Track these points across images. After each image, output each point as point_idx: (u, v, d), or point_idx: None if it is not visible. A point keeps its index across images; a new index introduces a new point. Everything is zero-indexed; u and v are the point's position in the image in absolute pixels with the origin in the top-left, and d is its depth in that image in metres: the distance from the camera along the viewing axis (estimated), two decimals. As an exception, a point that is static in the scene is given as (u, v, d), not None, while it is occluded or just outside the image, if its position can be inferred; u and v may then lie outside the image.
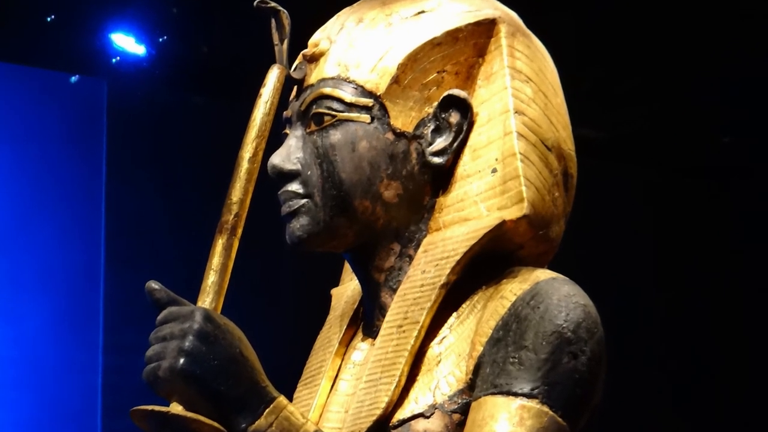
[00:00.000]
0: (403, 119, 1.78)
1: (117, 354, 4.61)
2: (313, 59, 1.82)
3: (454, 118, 1.79)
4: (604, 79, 4.94)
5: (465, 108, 1.79)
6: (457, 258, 1.72)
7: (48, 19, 4.47)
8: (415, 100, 1.78)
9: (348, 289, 1.93)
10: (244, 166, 1.74)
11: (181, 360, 1.58)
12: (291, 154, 1.80)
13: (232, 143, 1.82)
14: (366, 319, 1.84)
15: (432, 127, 1.79)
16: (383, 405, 1.68)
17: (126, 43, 4.63)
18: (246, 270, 2.33)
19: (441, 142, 1.79)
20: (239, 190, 1.73)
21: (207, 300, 1.67)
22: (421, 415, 1.68)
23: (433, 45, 1.79)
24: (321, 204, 1.77)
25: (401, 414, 1.69)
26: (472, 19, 1.81)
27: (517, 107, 1.77)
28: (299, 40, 1.85)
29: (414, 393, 1.70)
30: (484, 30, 1.81)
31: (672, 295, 5.59)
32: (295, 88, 1.84)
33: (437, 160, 1.78)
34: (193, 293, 1.69)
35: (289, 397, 1.75)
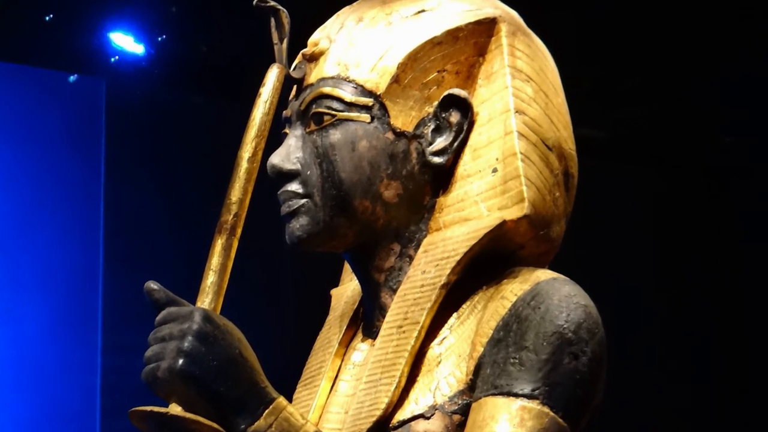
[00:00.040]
0: (403, 119, 1.77)
1: (116, 354, 4.61)
2: (313, 58, 1.82)
3: (454, 117, 1.78)
4: (604, 79, 4.94)
5: (465, 107, 1.78)
6: (458, 258, 1.71)
7: (46, 18, 4.46)
8: (416, 99, 1.78)
9: (348, 290, 1.93)
10: (243, 165, 1.74)
11: (181, 361, 1.57)
12: (290, 153, 1.79)
13: (231, 143, 1.82)
14: (366, 320, 1.84)
15: (432, 127, 1.78)
16: (383, 406, 1.68)
17: (125, 43, 4.63)
18: (245, 270, 2.33)
19: (441, 141, 1.78)
20: (238, 189, 1.73)
21: (206, 300, 1.67)
22: (422, 416, 1.67)
23: (434, 44, 1.78)
24: (321, 204, 1.77)
25: (401, 415, 1.68)
26: (472, 18, 1.80)
27: (518, 107, 1.77)
28: (299, 39, 1.84)
29: (414, 394, 1.69)
30: (484, 29, 1.80)
31: (673, 295, 5.58)
32: (295, 87, 1.84)
33: (437, 159, 1.78)
34: (193, 293, 1.68)
35: (289, 398, 1.74)
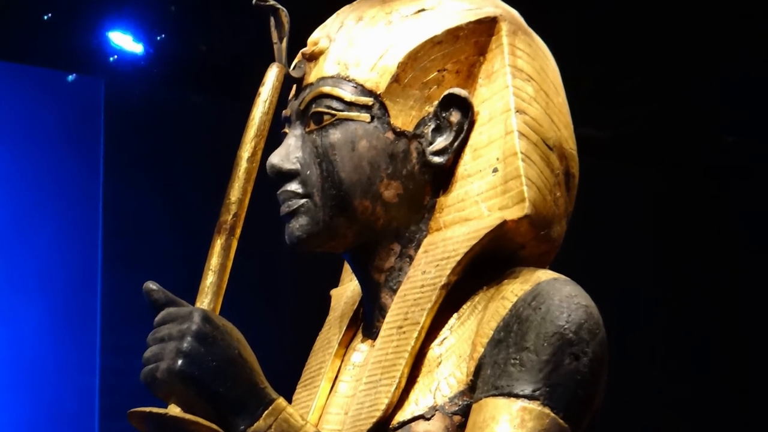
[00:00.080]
0: (404, 118, 1.77)
1: (115, 355, 4.61)
2: (313, 58, 1.81)
3: (454, 117, 1.78)
4: (605, 78, 4.93)
5: (466, 107, 1.78)
6: (458, 258, 1.71)
7: (45, 18, 4.46)
8: (416, 99, 1.77)
9: (347, 290, 1.92)
10: (242, 165, 1.73)
11: (180, 361, 1.57)
12: (290, 153, 1.79)
13: (230, 142, 1.82)
14: (366, 320, 1.83)
15: (432, 127, 1.78)
16: (383, 407, 1.67)
17: (123, 42, 4.62)
18: (245, 270, 2.33)
19: (441, 141, 1.78)
20: (238, 189, 1.72)
21: (205, 301, 1.67)
22: (422, 417, 1.67)
23: (434, 43, 1.78)
24: (320, 204, 1.76)
25: (401, 416, 1.68)
26: (473, 17, 1.80)
27: (519, 106, 1.76)
28: (298, 38, 1.84)
29: (414, 395, 1.69)
30: (485, 28, 1.80)
31: (673, 296, 5.58)
32: (295, 86, 1.83)
33: (438, 159, 1.77)
34: (192, 294, 1.68)
35: (288, 399, 1.73)
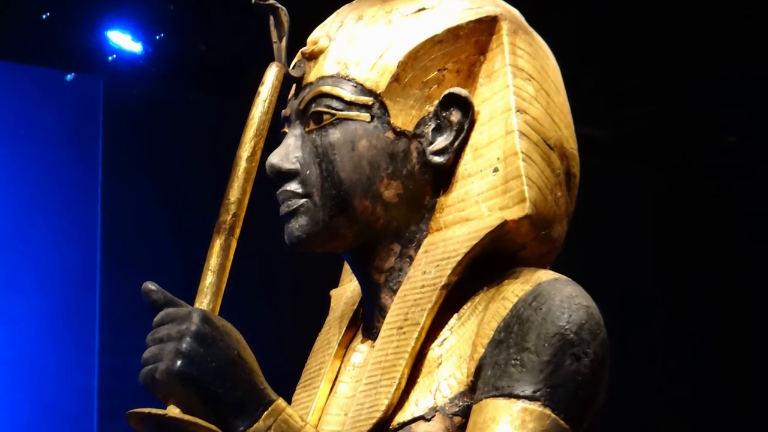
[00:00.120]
0: (404, 118, 1.76)
1: (113, 356, 4.60)
2: (312, 57, 1.81)
3: (455, 116, 1.77)
4: (606, 78, 4.93)
5: (466, 106, 1.77)
6: (458, 258, 1.70)
7: (43, 17, 4.45)
8: (416, 98, 1.77)
9: (347, 290, 1.92)
10: (242, 165, 1.73)
11: (179, 362, 1.57)
12: (290, 153, 1.78)
13: (230, 142, 1.81)
14: (366, 321, 1.83)
15: (433, 126, 1.77)
16: (383, 407, 1.67)
17: (122, 41, 4.62)
18: (244, 271, 2.33)
19: (442, 141, 1.77)
20: (237, 189, 1.72)
21: (204, 301, 1.67)
22: (422, 418, 1.66)
23: (434, 42, 1.77)
24: (320, 204, 1.76)
25: (401, 417, 1.68)
26: (473, 17, 1.79)
27: (519, 106, 1.76)
28: (298, 37, 1.84)
29: (414, 395, 1.68)
30: (485, 27, 1.79)
31: (674, 296, 5.57)
32: (294, 86, 1.83)
33: (438, 159, 1.77)
34: (191, 294, 1.68)
35: (288, 400, 1.73)
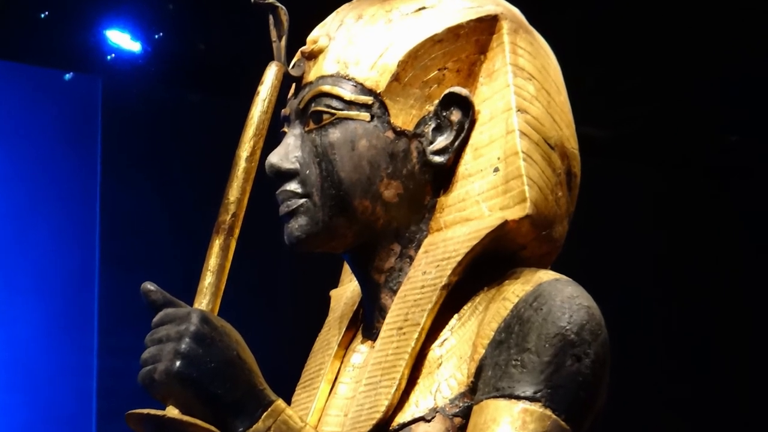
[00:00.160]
0: (404, 117, 1.76)
1: (112, 357, 4.60)
2: (312, 56, 1.80)
3: (455, 116, 1.77)
4: (606, 77, 4.92)
5: (466, 106, 1.77)
6: (459, 259, 1.70)
7: (42, 16, 4.45)
8: (416, 97, 1.76)
9: (347, 291, 1.92)
10: (241, 165, 1.73)
11: (178, 363, 1.56)
12: (289, 153, 1.78)
13: (229, 142, 1.81)
14: (366, 321, 1.83)
15: (433, 126, 1.77)
16: (383, 408, 1.66)
17: (121, 40, 4.61)
18: (243, 271, 2.32)
19: (442, 140, 1.77)
20: (236, 189, 1.72)
21: (204, 302, 1.66)
22: (422, 419, 1.66)
23: (434, 42, 1.77)
24: (320, 204, 1.76)
25: (401, 418, 1.67)
26: (473, 16, 1.79)
27: (520, 105, 1.75)
28: (298, 36, 1.83)
29: (414, 396, 1.68)
30: (486, 26, 1.79)
31: (675, 296, 5.57)
32: (294, 85, 1.82)
33: (438, 159, 1.76)
34: (190, 295, 1.67)
35: (288, 401, 1.73)
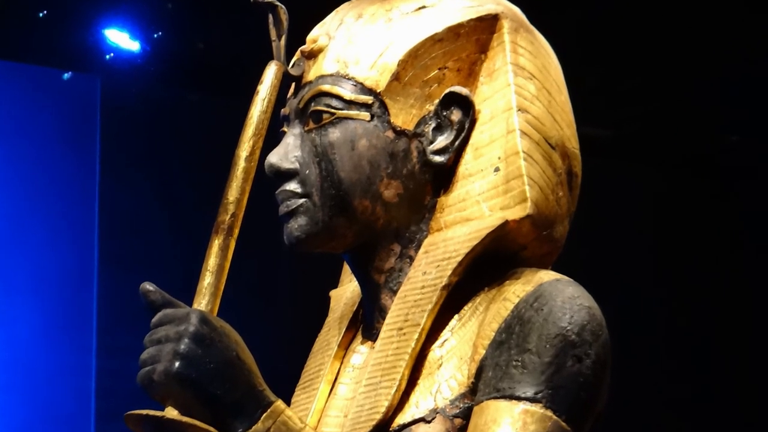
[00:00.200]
0: (404, 117, 1.76)
1: (111, 357, 4.59)
2: (312, 56, 1.80)
3: (455, 115, 1.76)
4: (608, 77, 4.92)
5: (467, 105, 1.76)
6: (459, 259, 1.69)
7: (40, 15, 4.44)
8: (416, 97, 1.76)
9: (347, 291, 1.91)
10: (240, 164, 1.72)
11: (177, 363, 1.56)
12: (289, 152, 1.78)
13: (228, 141, 1.80)
14: (365, 322, 1.82)
15: (433, 125, 1.77)
16: (383, 409, 1.66)
17: (120, 39, 4.61)
18: (243, 271, 2.32)
19: (442, 140, 1.76)
20: (236, 189, 1.71)
21: (203, 302, 1.66)
22: (422, 420, 1.65)
23: (434, 41, 1.76)
24: (320, 204, 1.75)
25: (402, 418, 1.67)
26: (474, 15, 1.78)
27: (520, 105, 1.75)
28: (297, 36, 1.83)
29: (415, 397, 1.68)
30: (486, 26, 1.79)
31: (677, 296, 5.56)
32: (293, 85, 1.82)
33: (438, 158, 1.76)
34: (189, 295, 1.67)
35: (287, 401, 1.72)
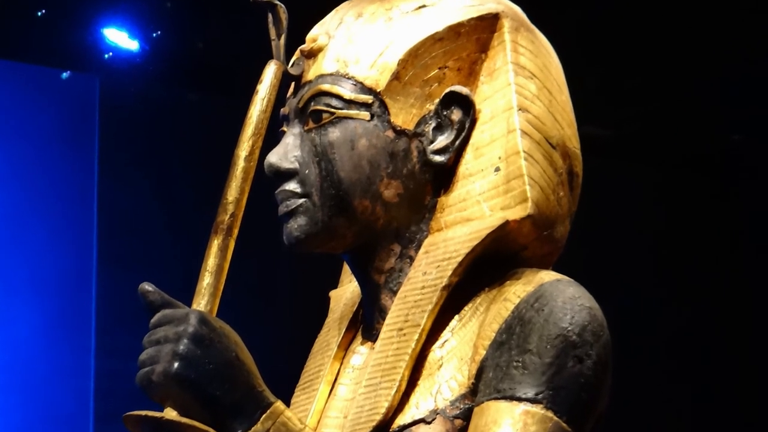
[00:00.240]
0: (404, 116, 1.75)
1: (110, 358, 4.59)
2: (311, 55, 1.80)
3: (456, 115, 1.76)
4: (609, 76, 4.91)
5: (467, 105, 1.76)
6: (459, 259, 1.69)
7: (38, 14, 4.44)
8: (416, 96, 1.76)
9: (347, 291, 1.91)
10: (240, 164, 1.71)
11: (176, 364, 1.56)
12: (288, 152, 1.77)
13: (228, 141, 1.80)
14: (365, 322, 1.82)
15: (433, 125, 1.76)
16: (383, 410, 1.65)
17: (119, 39, 4.61)
18: (242, 271, 2.31)
19: (442, 140, 1.76)
20: (235, 189, 1.71)
21: (202, 302, 1.66)
22: (423, 421, 1.65)
23: (435, 40, 1.76)
24: (319, 204, 1.75)
25: (402, 419, 1.66)
26: (474, 14, 1.78)
27: (521, 104, 1.74)
28: (297, 35, 1.82)
29: (415, 398, 1.67)
30: (487, 25, 1.78)
31: (677, 296, 5.56)
32: (293, 84, 1.81)
33: (439, 158, 1.75)
34: (188, 295, 1.67)
35: (287, 402, 1.72)
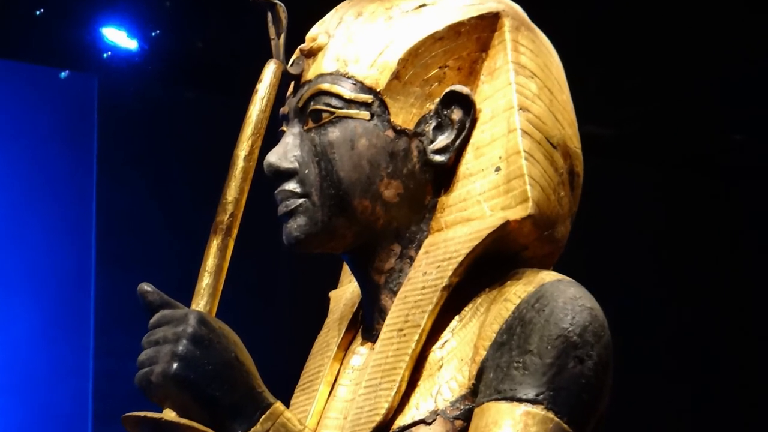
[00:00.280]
0: (404, 116, 1.75)
1: (108, 358, 4.59)
2: (311, 54, 1.79)
3: (456, 114, 1.76)
4: (609, 76, 4.91)
5: (468, 104, 1.75)
6: (460, 259, 1.69)
7: (37, 13, 4.44)
8: (416, 96, 1.75)
9: (347, 292, 1.90)
10: (239, 164, 1.71)
11: (175, 365, 1.55)
12: (288, 152, 1.77)
13: (227, 141, 1.80)
14: (365, 323, 1.81)
15: (434, 125, 1.76)
16: (383, 411, 1.65)
17: (117, 38, 4.60)
18: (242, 272, 2.31)
19: (443, 139, 1.75)
20: (234, 189, 1.70)
21: (201, 303, 1.65)
22: (423, 422, 1.65)
23: (435, 39, 1.75)
24: (319, 204, 1.74)
25: (402, 420, 1.66)
26: (475, 13, 1.77)
27: (522, 104, 1.74)
28: (296, 34, 1.82)
29: (415, 399, 1.67)
30: (487, 24, 1.78)
31: (678, 296, 5.56)
32: (293, 84, 1.81)
33: (439, 158, 1.75)
34: (187, 296, 1.66)
35: (286, 403, 1.72)
